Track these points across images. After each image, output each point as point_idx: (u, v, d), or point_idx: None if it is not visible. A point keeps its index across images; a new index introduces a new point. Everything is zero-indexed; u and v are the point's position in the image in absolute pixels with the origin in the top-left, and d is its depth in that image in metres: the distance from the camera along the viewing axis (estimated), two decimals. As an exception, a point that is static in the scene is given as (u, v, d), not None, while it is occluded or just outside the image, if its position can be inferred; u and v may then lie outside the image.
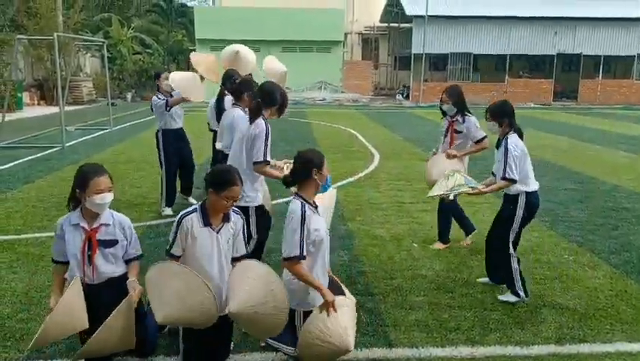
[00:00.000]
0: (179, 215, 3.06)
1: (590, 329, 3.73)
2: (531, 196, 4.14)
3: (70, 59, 19.75)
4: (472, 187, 4.26)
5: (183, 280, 2.85)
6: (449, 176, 4.47)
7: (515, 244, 4.21)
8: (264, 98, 4.18)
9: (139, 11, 33.34)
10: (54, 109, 19.56)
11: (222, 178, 3.04)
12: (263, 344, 3.43)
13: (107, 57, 17.97)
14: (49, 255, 4.96)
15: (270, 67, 6.86)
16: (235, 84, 5.19)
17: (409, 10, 27.52)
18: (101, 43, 17.47)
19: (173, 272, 2.90)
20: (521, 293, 4.12)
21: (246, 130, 4.15)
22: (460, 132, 5.22)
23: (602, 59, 28.84)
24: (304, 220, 3.06)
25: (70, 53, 19.63)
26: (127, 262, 3.19)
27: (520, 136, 4.23)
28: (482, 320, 3.84)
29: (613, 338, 3.62)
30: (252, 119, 4.15)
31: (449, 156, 5.09)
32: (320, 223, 3.18)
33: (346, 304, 3.00)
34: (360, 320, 3.78)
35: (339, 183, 8.35)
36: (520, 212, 4.11)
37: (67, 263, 3.11)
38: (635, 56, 28.97)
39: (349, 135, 14.18)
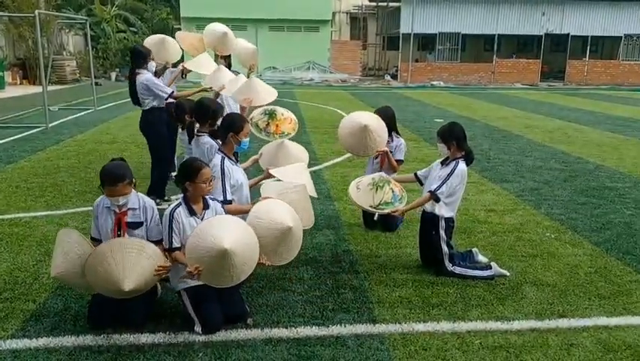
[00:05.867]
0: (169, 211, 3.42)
1: (570, 304, 3.81)
2: (450, 221, 4.28)
3: (52, 38, 19.34)
4: (395, 207, 4.23)
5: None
6: (378, 187, 4.31)
7: (451, 254, 4.26)
8: (199, 116, 4.66)
9: (123, -12, 32.59)
10: (37, 88, 19.23)
11: (192, 168, 3.44)
12: (249, 322, 3.47)
13: (91, 36, 17.63)
14: (34, 235, 4.99)
15: (241, 47, 6.84)
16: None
17: (398, -11, 27.28)
18: (83, 21, 17.11)
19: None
20: (489, 273, 4.19)
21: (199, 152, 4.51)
22: (391, 153, 5.21)
23: (590, 39, 28.92)
24: (224, 171, 3.83)
25: (53, 31, 19.19)
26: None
27: (471, 159, 4.28)
28: (464, 297, 3.90)
29: (591, 312, 3.70)
30: (191, 138, 4.61)
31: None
32: (238, 173, 3.96)
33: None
34: (345, 297, 3.86)
35: (326, 164, 8.37)
36: (442, 233, 4.23)
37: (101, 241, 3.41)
38: (621, 36, 29.10)
39: (338, 116, 14.15)
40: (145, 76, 5.83)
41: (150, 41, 6.47)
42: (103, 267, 3.10)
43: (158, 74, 6.20)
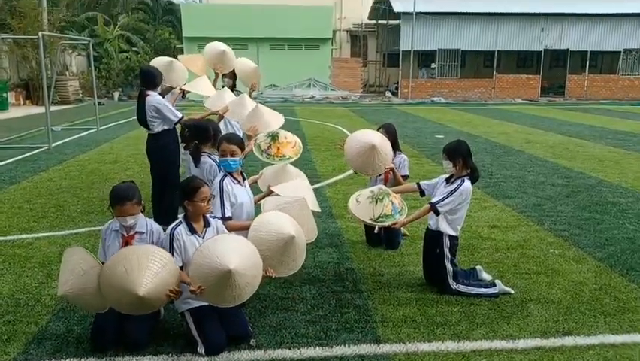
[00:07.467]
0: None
1: (575, 322, 3.78)
2: (454, 239, 4.28)
3: (55, 58, 19.56)
4: (395, 219, 4.22)
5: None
6: (378, 199, 4.27)
7: (455, 272, 4.25)
8: (200, 137, 4.68)
9: (125, 9, 32.95)
10: (40, 109, 19.35)
11: (190, 187, 3.47)
12: (253, 343, 3.44)
13: (94, 56, 17.80)
14: (36, 256, 4.99)
15: (242, 65, 6.86)
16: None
17: (397, 7, 27.54)
18: (86, 42, 17.29)
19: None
20: (493, 290, 4.20)
21: (199, 173, 4.53)
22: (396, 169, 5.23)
23: (589, 54, 29.09)
24: (222, 188, 3.85)
25: (56, 52, 19.40)
26: None
27: (476, 178, 4.28)
28: (469, 315, 3.87)
29: (597, 330, 3.67)
30: (197, 161, 4.60)
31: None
32: (240, 192, 3.95)
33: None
34: (349, 316, 3.84)
35: (328, 181, 8.38)
36: (446, 251, 4.23)
37: None
38: (620, 51, 29.26)
39: (339, 133, 14.20)
40: (156, 98, 5.69)
41: (158, 62, 6.30)
42: (123, 267, 3.04)
43: (161, 95, 6.20)
